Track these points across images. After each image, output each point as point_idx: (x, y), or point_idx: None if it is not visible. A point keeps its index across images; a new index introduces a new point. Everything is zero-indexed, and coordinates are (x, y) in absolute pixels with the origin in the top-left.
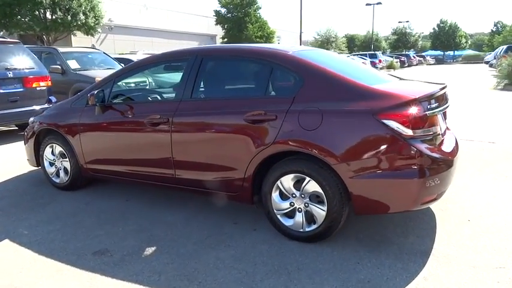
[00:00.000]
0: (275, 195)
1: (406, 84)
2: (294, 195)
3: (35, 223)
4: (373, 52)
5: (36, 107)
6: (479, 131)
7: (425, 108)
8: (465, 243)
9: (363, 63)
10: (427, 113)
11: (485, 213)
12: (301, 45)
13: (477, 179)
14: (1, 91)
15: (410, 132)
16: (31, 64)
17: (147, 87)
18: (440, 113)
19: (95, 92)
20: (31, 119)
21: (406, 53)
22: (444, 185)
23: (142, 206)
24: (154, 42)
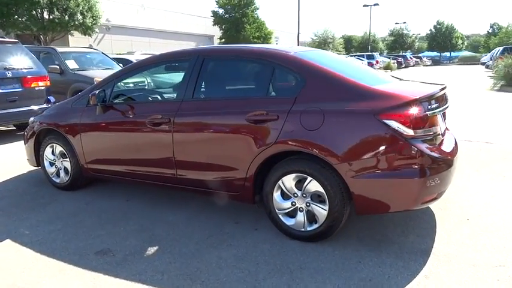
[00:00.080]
0: (277, 195)
1: (407, 84)
2: (295, 195)
3: (36, 223)
4: (370, 53)
5: (35, 107)
6: (477, 132)
7: (425, 108)
8: (465, 242)
9: None
10: (428, 113)
11: (484, 212)
12: (298, 45)
13: (475, 179)
14: (0, 91)
15: (411, 132)
16: (30, 64)
17: (146, 88)
18: (440, 113)
19: (96, 91)
20: (31, 119)
21: (403, 54)
22: (444, 185)
23: (144, 205)
24: (151, 43)
